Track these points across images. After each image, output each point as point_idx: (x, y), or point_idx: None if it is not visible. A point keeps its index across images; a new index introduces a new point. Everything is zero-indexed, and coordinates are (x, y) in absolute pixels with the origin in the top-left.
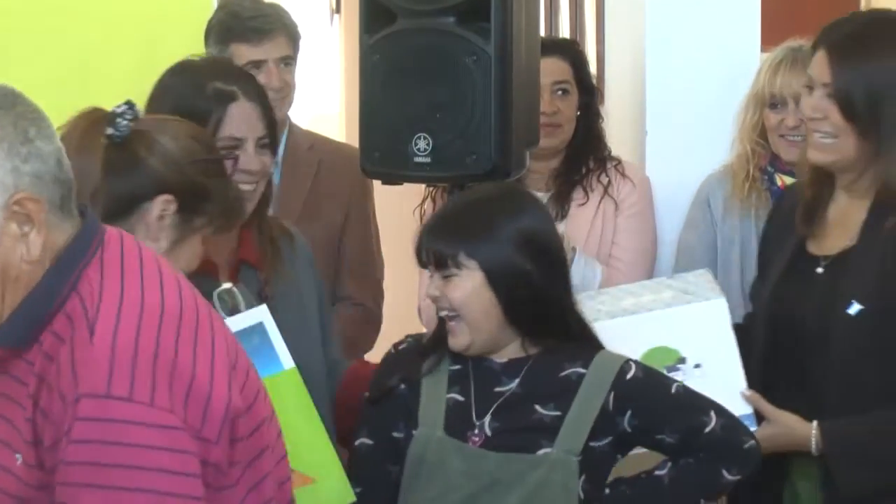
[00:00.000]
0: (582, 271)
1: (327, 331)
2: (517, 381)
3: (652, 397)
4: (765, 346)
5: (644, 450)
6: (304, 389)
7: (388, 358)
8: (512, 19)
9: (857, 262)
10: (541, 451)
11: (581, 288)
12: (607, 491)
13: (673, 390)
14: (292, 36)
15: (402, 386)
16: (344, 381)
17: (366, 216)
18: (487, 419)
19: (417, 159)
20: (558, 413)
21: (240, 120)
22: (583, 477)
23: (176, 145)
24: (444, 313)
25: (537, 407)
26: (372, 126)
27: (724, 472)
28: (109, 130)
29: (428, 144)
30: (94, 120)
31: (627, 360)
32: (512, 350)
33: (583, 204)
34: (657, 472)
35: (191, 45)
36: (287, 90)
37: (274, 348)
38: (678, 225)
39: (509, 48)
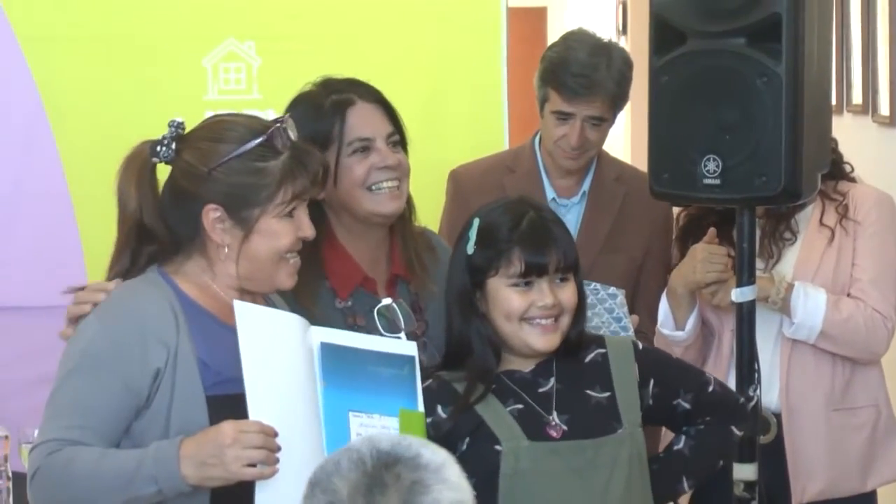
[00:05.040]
0: (803, 305)
1: None
2: (553, 378)
3: (665, 363)
4: None
5: None
6: (424, 434)
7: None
8: (804, 40)
9: None
10: (619, 431)
11: (806, 321)
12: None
13: (672, 355)
14: (613, 98)
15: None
16: None
17: (666, 252)
18: (555, 415)
19: (707, 181)
20: (607, 393)
21: (362, 120)
22: None
23: (194, 156)
24: (545, 321)
25: (588, 392)
26: (660, 147)
27: (734, 430)
28: (154, 159)
29: (717, 166)
30: (136, 154)
31: (629, 336)
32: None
33: (818, 229)
34: (676, 448)
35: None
36: (587, 148)
37: (416, 387)
38: None
39: (801, 69)
